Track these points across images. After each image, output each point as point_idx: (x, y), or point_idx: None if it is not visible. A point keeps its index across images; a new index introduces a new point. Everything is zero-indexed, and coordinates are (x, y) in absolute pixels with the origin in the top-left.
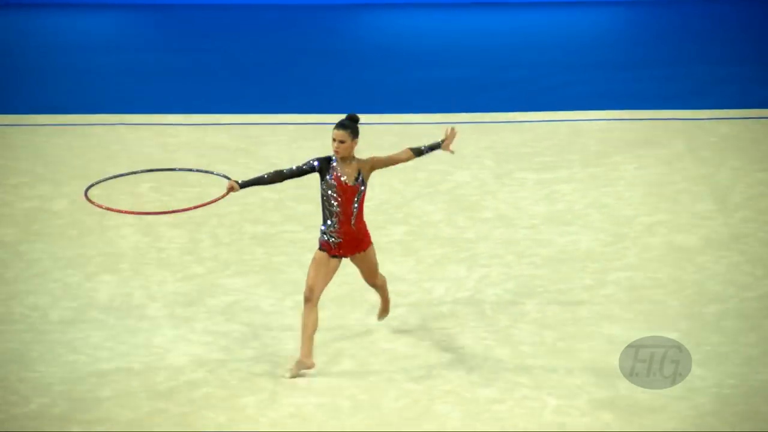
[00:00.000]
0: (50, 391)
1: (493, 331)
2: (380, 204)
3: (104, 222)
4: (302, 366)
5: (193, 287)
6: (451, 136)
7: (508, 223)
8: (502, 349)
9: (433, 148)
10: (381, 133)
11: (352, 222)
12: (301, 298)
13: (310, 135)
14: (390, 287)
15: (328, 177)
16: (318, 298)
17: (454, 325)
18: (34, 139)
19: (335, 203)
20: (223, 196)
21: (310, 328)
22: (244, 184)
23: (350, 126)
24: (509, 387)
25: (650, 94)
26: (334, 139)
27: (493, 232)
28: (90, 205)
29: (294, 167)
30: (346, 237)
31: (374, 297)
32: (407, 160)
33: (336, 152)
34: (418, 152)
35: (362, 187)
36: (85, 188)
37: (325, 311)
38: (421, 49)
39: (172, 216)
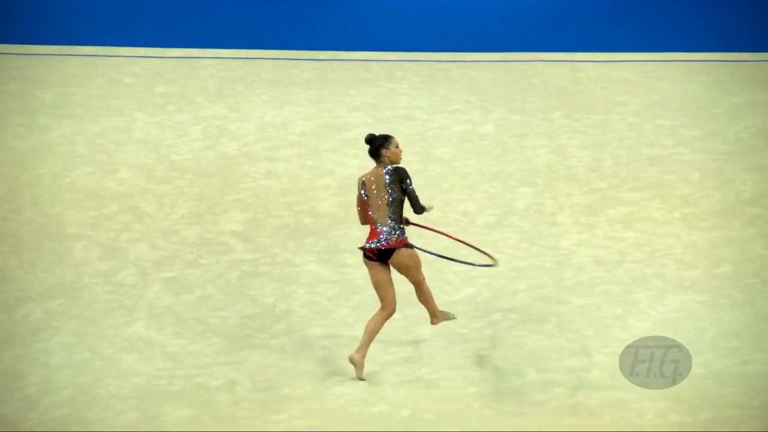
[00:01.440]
0: (476, 284)
1: None
2: None
3: (523, 143)
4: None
5: (595, 199)
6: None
7: None
8: None
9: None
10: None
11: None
12: (688, 210)
13: (701, 70)
14: None
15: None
16: None
17: None
18: (468, 73)
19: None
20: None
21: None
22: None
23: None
24: None
25: None
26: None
27: None
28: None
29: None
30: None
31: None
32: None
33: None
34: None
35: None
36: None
37: (707, 221)
38: None
39: (582, 137)
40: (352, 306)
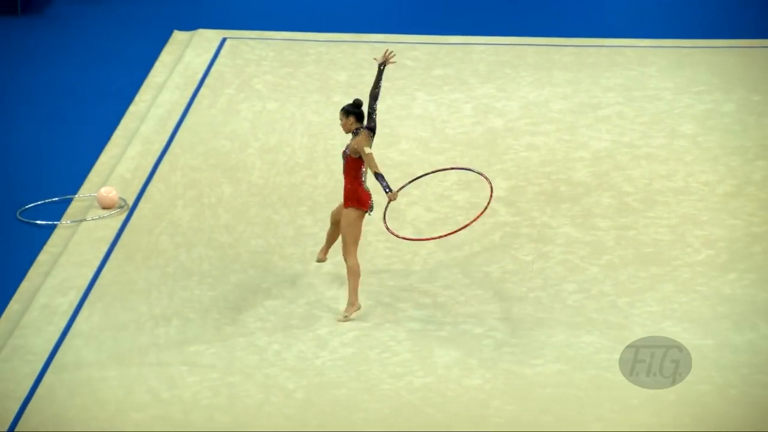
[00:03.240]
0: (715, 246)
1: None
2: None
3: (762, 121)
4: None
5: None
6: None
7: None
8: None
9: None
10: None
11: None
12: None
13: None
14: None
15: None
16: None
17: None
18: (712, 58)
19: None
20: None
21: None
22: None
23: (345, 109)
24: None
25: None
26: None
27: None
28: None
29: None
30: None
31: None
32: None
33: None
34: (379, 179)
35: (344, 158)
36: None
37: None
38: None
39: None
40: (602, 265)
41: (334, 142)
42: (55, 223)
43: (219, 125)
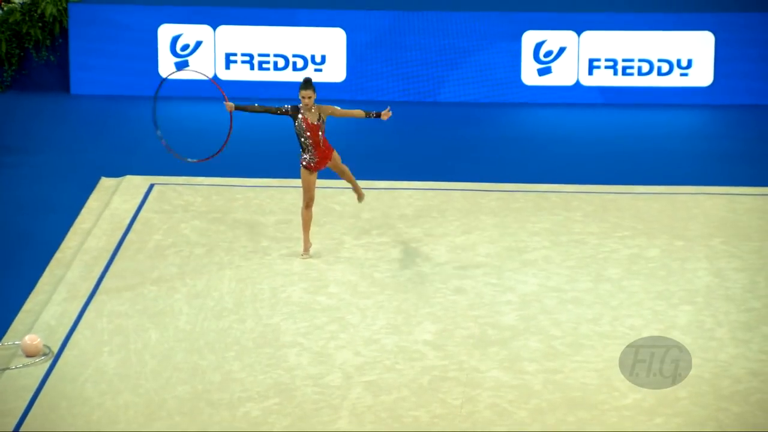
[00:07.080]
0: (642, 391)
1: None
2: None
3: (685, 266)
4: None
5: (751, 317)
6: (386, 113)
7: None
8: None
9: (376, 116)
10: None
11: (321, 145)
12: None
13: None
14: None
15: (298, 120)
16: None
17: None
18: (635, 204)
19: (306, 137)
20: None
21: (309, 223)
22: (238, 107)
23: (314, 85)
24: None
25: None
26: (304, 96)
27: None
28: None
29: (277, 108)
30: (319, 156)
31: None
32: (358, 117)
33: (306, 105)
34: (368, 114)
35: (323, 124)
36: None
37: None
38: None
39: (739, 261)
40: (530, 409)
41: (262, 287)
42: None
43: (146, 271)
